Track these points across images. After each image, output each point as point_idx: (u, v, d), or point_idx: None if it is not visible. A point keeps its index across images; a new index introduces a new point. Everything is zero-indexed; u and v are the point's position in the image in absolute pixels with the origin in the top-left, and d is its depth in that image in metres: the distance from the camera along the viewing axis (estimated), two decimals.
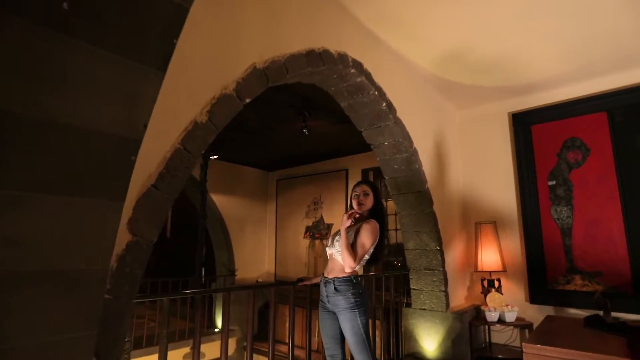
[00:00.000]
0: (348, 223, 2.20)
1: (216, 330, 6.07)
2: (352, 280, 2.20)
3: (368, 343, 2.17)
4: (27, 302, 0.96)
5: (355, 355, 2.18)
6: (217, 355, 5.84)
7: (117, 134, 1.03)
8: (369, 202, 2.38)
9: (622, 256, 3.36)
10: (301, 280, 2.67)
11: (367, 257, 2.28)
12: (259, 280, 6.92)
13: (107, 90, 0.98)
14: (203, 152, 1.81)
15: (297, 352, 3.14)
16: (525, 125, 4.15)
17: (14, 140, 0.88)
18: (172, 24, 1.02)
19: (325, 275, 2.30)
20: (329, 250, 2.36)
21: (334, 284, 2.20)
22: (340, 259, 2.21)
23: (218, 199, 6.40)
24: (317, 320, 2.43)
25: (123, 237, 1.39)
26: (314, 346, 4.64)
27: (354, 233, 2.25)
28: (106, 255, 1.09)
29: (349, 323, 2.14)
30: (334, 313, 2.25)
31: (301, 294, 3.03)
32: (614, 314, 2.91)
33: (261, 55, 2.07)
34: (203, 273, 5.62)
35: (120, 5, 0.93)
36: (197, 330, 2.11)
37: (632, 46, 3.17)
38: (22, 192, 0.92)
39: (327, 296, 2.24)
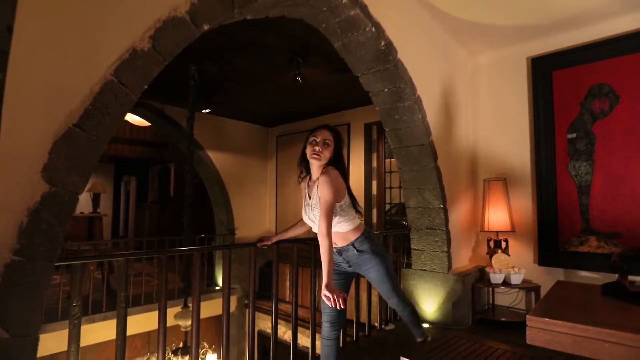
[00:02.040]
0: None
1: (217, 288, 6.07)
2: (366, 236, 2.06)
3: (393, 278, 2.13)
4: None
5: (388, 299, 2.23)
6: (218, 312, 5.88)
7: None
8: (328, 153, 1.93)
9: None
10: (260, 240, 2.42)
11: (344, 208, 1.95)
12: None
13: None
14: (190, 106, 1.51)
15: (298, 310, 3.03)
16: (545, 71, 3.69)
17: None
18: None
19: (335, 246, 2.01)
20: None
21: (355, 247, 2.01)
22: (340, 229, 1.97)
23: (215, 157, 6.16)
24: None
25: (37, 188, 1.14)
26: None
27: (316, 192, 1.91)
28: None
29: (377, 272, 2.05)
30: (346, 275, 2.16)
31: (306, 253, 2.88)
32: (631, 277, 2.65)
33: None
34: (197, 232, 5.50)
35: None
36: (194, 290, 1.94)
37: None
38: None
39: (348, 261, 2.08)
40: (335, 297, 1.64)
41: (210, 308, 5.21)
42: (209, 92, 4.54)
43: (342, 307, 1.66)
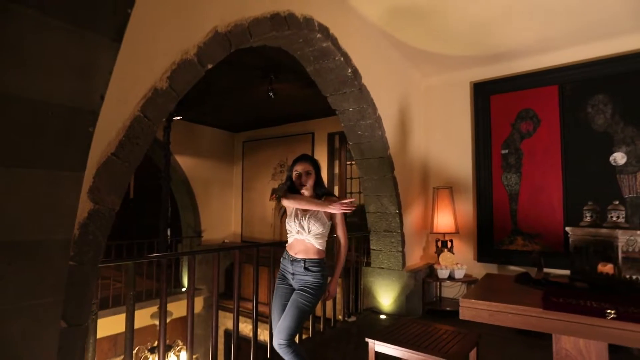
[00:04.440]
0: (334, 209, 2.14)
1: (183, 289, 6.20)
2: (322, 262, 2.20)
3: (304, 318, 2.10)
4: None
5: (282, 320, 2.08)
6: (184, 313, 6.01)
7: (72, 106, 1.02)
8: (311, 181, 2.21)
9: (558, 220, 3.71)
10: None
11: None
12: (226, 240, 7.02)
13: (60, 61, 0.96)
14: (168, 116, 1.79)
15: (261, 308, 3.32)
16: (485, 95, 4.31)
17: None
18: None
19: (293, 254, 2.21)
20: (300, 236, 2.20)
21: (305, 264, 2.16)
22: (315, 243, 2.17)
23: (183, 161, 6.29)
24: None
25: (85, 206, 1.40)
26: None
27: (321, 213, 2.19)
28: (68, 225, 1.11)
29: (303, 298, 2.11)
30: (292, 288, 2.21)
31: (267, 253, 3.17)
32: (546, 270, 3.27)
33: (223, 18, 2.01)
34: (169, 234, 5.63)
35: None
36: (163, 292, 2.19)
37: (587, 21, 3.30)
38: None
39: (294, 274, 2.19)
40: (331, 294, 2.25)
41: (178, 308, 5.36)
42: (183, 102, 4.72)
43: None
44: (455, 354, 1.96)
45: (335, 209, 2.11)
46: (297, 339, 2.20)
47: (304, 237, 2.19)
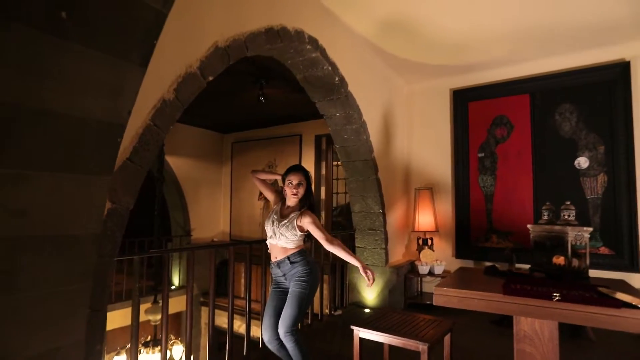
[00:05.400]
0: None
1: (172, 287, 6.31)
2: (302, 252, 2.34)
3: (305, 306, 2.24)
4: (33, 261, 1.16)
5: (286, 310, 2.23)
6: (175, 310, 6.13)
7: (105, 120, 1.21)
8: (302, 191, 2.35)
9: (529, 218, 4.01)
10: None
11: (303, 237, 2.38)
12: (215, 239, 7.16)
13: (96, 84, 1.14)
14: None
15: (252, 305, 3.49)
16: (463, 102, 4.60)
17: (19, 127, 1.04)
18: (152, 27, 1.18)
19: (274, 259, 2.38)
20: (273, 241, 2.36)
21: (289, 260, 2.32)
22: (286, 245, 2.32)
23: (172, 161, 6.40)
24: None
25: (105, 205, 1.57)
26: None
27: (289, 221, 2.33)
28: (97, 221, 1.29)
29: (297, 286, 2.27)
30: (286, 293, 2.34)
31: (258, 252, 3.34)
32: (518, 265, 3.55)
33: (222, 33, 2.20)
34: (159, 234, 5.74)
35: (108, 13, 1.08)
36: (165, 286, 2.35)
37: (555, 36, 3.60)
38: (27, 170, 1.09)
39: (284, 274, 2.34)
40: (372, 274, 2.31)
41: (170, 305, 5.47)
42: None
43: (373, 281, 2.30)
44: (431, 338, 2.19)
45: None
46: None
47: (276, 242, 2.36)
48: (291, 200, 2.41)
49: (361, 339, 2.41)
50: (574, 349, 3.04)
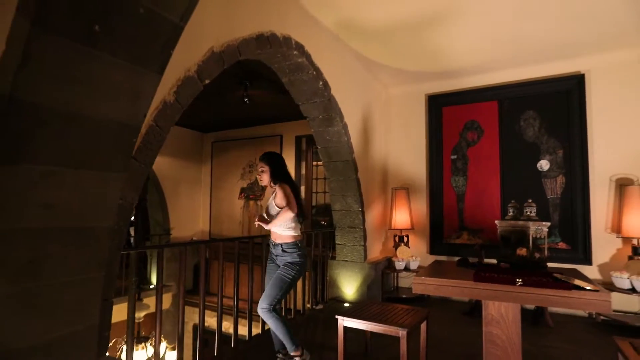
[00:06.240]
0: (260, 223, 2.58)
1: (151, 287, 6.29)
2: (297, 244, 2.62)
3: (285, 290, 2.50)
4: (56, 251, 1.26)
5: (267, 289, 2.52)
6: (152, 310, 6.09)
7: (124, 122, 1.32)
8: (266, 178, 2.64)
9: (497, 216, 4.32)
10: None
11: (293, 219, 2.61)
12: (194, 238, 7.16)
13: (119, 89, 1.26)
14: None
15: (229, 302, 3.56)
16: (437, 106, 4.88)
17: (52, 128, 1.15)
18: (170, 38, 1.30)
19: (272, 239, 2.68)
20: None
21: (282, 247, 2.61)
22: (277, 230, 2.62)
23: None
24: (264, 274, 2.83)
25: None
26: (243, 296, 5.12)
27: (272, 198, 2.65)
28: (112, 215, 1.40)
29: (284, 270, 2.56)
30: (279, 266, 2.67)
31: (233, 250, 3.36)
32: (486, 259, 3.84)
33: (218, 39, 2.32)
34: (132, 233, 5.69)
35: (133, 25, 1.20)
36: (159, 283, 2.44)
37: (522, 49, 3.92)
38: (55, 166, 1.20)
39: (277, 255, 2.65)
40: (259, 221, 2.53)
41: (150, 304, 5.47)
42: None
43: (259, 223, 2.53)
44: (410, 324, 2.40)
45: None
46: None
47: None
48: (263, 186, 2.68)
49: (345, 327, 2.59)
50: (535, 333, 3.34)
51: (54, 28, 1.04)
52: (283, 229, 2.61)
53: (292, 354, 2.54)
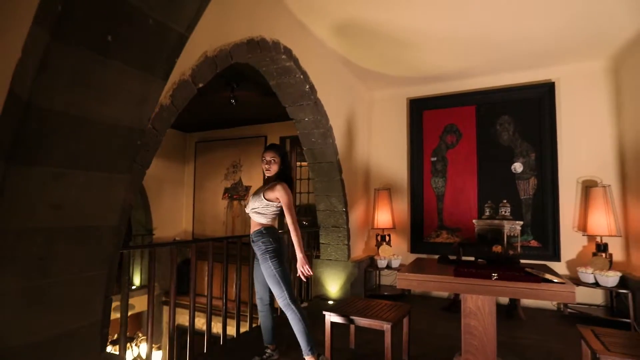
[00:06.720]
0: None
1: (133, 287, 6.22)
2: (262, 231, 2.50)
3: (283, 281, 2.40)
4: (64, 249, 1.32)
5: (272, 290, 2.48)
6: (136, 310, 6.05)
7: (130, 126, 1.39)
8: (274, 168, 2.55)
9: (474, 216, 4.53)
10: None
11: (274, 210, 2.54)
12: (177, 238, 7.12)
13: (128, 95, 1.32)
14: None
15: (216, 302, 3.61)
16: (418, 110, 5.06)
17: (65, 131, 1.21)
18: (175, 47, 1.38)
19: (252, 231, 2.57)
20: (246, 210, 2.61)
21: (252, 237, 2.53)
22: (254, 217, 2.53)
23: None
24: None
25: None
26: (231, 296, 5.16)
27: (262, 191, 2.54)
28: (117, 214, 1.47)
29: (263, 265, 2.46)
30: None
31: (220, 250, 3.38)
32: (464, 257, 4.04)
33: (211, 44, 2.39)
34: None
35: (143, 35, 1.27)
36: (151, 281, 2.48)
37: (497, 57, 4.14)
38: (64, 168, 1.26)
39: (254, 249, 2.55)
40: (307, 267, 2.40)
41: (133, 304, 5.43)
42: None
43: (310, 273, 2.39)
44: (393, 318, 2.53)
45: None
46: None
47: (247, 210, 2.59)
48: (266, 176, 2.63)
49: (332, 322, 2.71)
50: (509, 325, 3.55)
51: (71, 38, 1.11)
52: (259, 215, 2.52)
53: (305, 358, 2.42)
